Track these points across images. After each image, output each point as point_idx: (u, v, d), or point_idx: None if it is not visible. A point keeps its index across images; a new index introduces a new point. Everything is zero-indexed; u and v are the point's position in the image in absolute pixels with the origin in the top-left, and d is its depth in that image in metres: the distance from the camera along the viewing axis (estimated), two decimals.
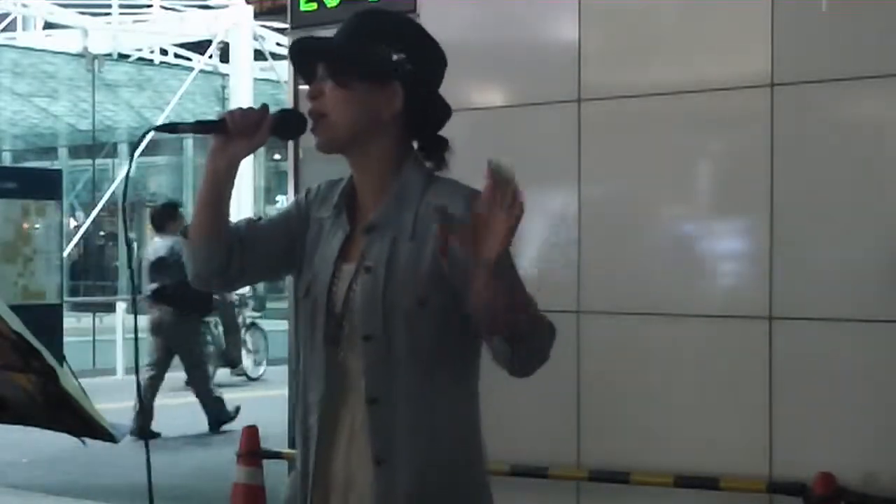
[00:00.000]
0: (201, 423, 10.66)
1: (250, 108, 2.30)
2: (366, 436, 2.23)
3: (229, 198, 2.33)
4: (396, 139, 2.30)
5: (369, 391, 2.22)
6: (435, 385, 2.23)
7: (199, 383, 10.38)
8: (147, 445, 2.41)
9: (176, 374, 10.84)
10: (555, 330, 2.17)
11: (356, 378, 2.25)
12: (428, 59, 2.32)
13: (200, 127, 2.33)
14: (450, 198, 2.20)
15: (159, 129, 2.40)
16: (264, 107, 2.32)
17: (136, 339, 2.32)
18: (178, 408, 11.40)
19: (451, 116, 2.36)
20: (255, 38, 19.05)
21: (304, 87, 7.36)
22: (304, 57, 2.36)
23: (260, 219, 2.45)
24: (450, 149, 2.33)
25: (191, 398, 10.79)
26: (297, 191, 6.73)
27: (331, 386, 2.27)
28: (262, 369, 14.06)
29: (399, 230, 2.24)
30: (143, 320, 10.21)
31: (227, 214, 2.34)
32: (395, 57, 2.25)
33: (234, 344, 13.40)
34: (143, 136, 2.44)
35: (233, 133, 2.26)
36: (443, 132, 2.37)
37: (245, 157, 2.31)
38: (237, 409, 10.33)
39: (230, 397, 11.04)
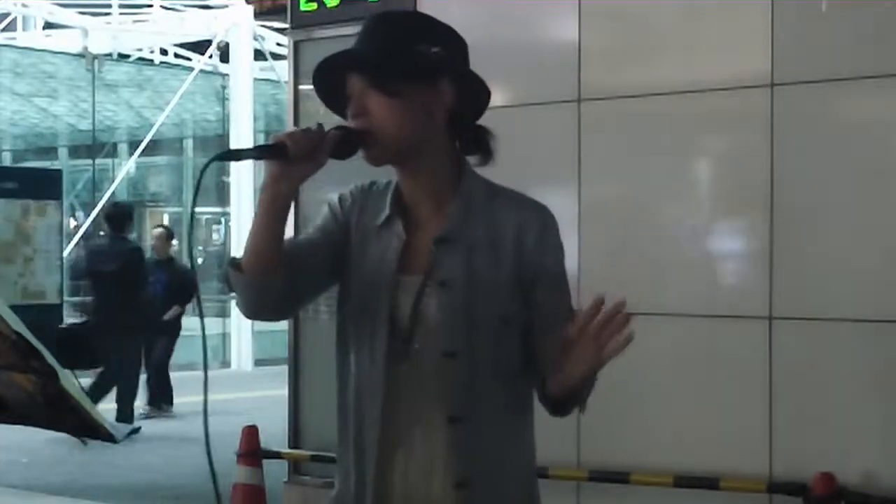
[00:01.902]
0: (201, 423, 10.66)
1: (309, 129, 2.13)
2: (439, 455, 2.15)
3: (286, 225, 2.16)
4: (448, 144, 2.22)
5: (451, 410, 2.14)
6: (516, 403, 2.20)
7: None
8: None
9: (179, 374, 10.87)
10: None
11: (428, 395, 2.16)
12: (460, 48, 2.25)
13: (261, 153, 2.16)
14: (522, 210, 2.22)
15: (221, 157, 2.21)
16: (321, 126, 2.15)
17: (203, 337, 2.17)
18: (177, 407, 11.42)
19: (489, 100, 2.29)
20: (255, 38, 19.03)
21: (304, 88, 7.30)
22: (337, 72, 2.20)
23: (296, 237, 2.30)
24: (494, 137, 2.26)
25: (191, 398, 10.81)
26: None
27: (393, 402, 2.17)
28: None
29: (472, 242, 2.17)
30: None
31: (283, 243, 2.16)
32: (434, 52, 2.17)
33: None
34: (209, 163, 2.20)
35: (293, 157, 2.09)
36: None
37: (306, 179, 2.14)
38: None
39: (226, 397, 11.06)
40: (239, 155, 2.20)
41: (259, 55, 19.44)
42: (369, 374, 2.19)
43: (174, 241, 12.63)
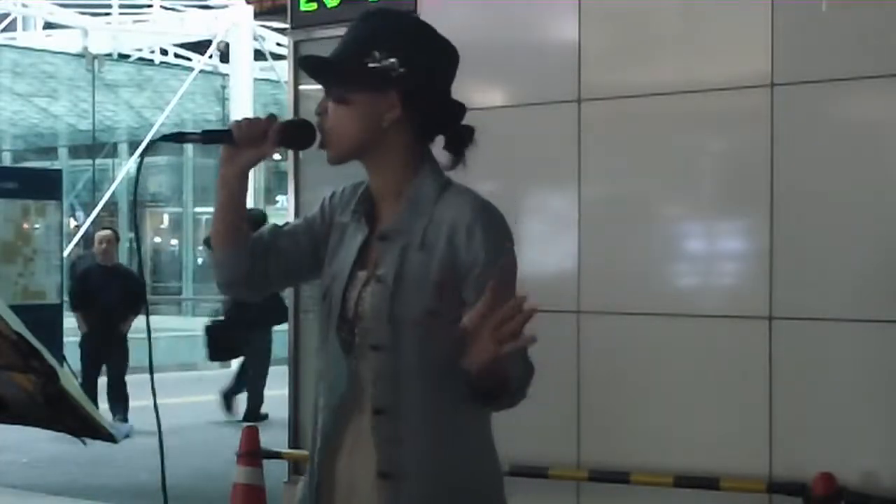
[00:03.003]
0: (201, 423, 10.68)
1: (257, 118, 2.29)
2: (371, 446, 2.22)
3: (244, 205, 2.35)
4: (406, 143, 2.27)
5: (376, 401, 2.21)
6: (446, 397, 2.20)
7: None
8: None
9: (180, 374, 10.87)
10: (532, 371, 2.17)
11: (366, 386, 2.23)
12: (427, 58, 2.27)
13: (207, 137, 2.35)
14: (458, 208, 2.22)
15: (166, 138, 2.39)
16: (271, 116, 2.31)
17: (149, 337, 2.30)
18: (178, 407, 11.41)
19: (465, 112, 2.33)
20: (255, 38, 19.05)
21: (304, 88, 7.33)
22: (313, 76, 2.36)
23: (286, 225, 2.45)
24: (474, 140, 2.30)
25: (191, 398, 10.82)
26: (297, 191, 6.74)
27: (341, 392, 2.26)
28: None
29: (410, 239, 2.22)
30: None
31: (244, 221, 2.35)
32: (385, 64, 2.21)
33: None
34: (151, 144, 2.42)
35: (239, 142, 2.26)
36: None
37: (253, 165, 2.30)
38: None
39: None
40: (186, 138, 2.37)
41: (259, 55, 19.46)
42: (324, 365, 2.32)
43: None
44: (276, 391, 8.33)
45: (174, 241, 29.32)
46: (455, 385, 2.18)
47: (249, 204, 16.58)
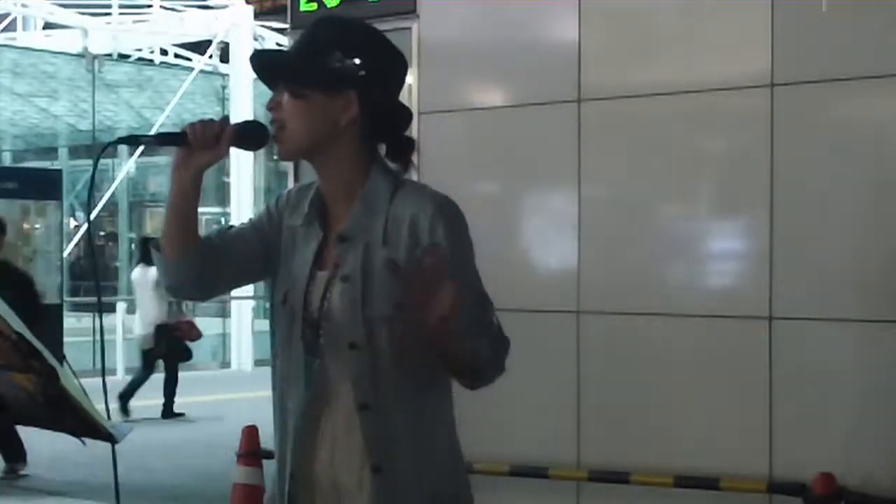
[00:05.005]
0: (201, 423, 10.69)
1: (211, 120, 2.30)
2: (356, 441, 2.25)
3: (196, 208, 2.34)
4: (358, 145, 2.31)
5: (359, 398, 2.25)
6: (420, 387, 2.26)
7: None
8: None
9: (179, 374, 10.86)
10: (507, 345, 2.23)
11: (338, 384, 2.27)
12: (383, 64, 2.32)
13: (161, 139, 2.35)
14: (418, 203, 2.25)
15: (121, 141, 2.43)
16: (224, 119, 2.33)
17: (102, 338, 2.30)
18: (178, 407, 11.41)
19: (411, 119, 2.38)
20: (255, 38, 19.04)
21: None
22: (262, 71, 2.37)
23: (231, 227, 2.47)
24: (416, 150, 2.34)
25: (191, 398, 10.82)
26: None
27: (310, 391, 2.29)
28: None
29: (371, 237, 2.26)
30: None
31: (196, 225, 2.35)
32: (347, 64, 2.26)
33: None
34: (106, 146, 2.45)
35: (192, 146, 2.27)
36: (443, 131, 2.36)
37: (207, 167, 2.31)
38: None
39: (226, 397, 11.04)
40: (140, 140, 2.43)
41: None
42: (288, 367, 2.33)
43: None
44: None
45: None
46: (429, 375, 2.25)
47: (246, 208, 16.52)
